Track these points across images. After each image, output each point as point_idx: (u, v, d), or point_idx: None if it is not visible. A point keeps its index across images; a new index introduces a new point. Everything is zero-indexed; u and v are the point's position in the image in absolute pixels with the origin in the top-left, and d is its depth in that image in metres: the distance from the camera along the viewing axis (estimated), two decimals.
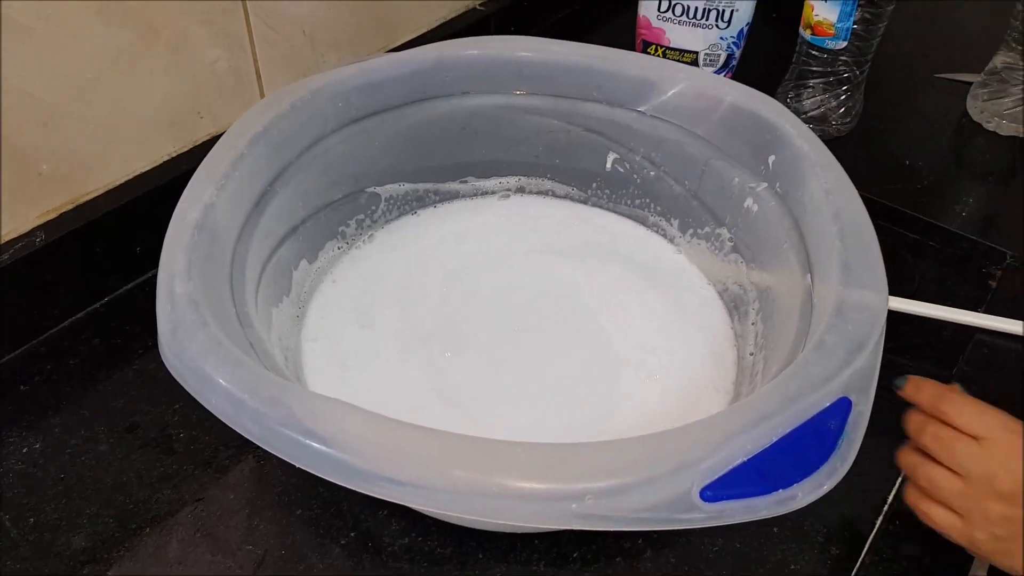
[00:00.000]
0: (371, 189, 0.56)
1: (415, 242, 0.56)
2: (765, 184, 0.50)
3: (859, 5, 0.63)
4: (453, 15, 0.78)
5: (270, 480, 0.44)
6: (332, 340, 0.48)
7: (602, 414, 0.46)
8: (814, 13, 0.66)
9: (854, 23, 0.65)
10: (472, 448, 0.28)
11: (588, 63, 0.55)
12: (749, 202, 0.51)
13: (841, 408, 0.34)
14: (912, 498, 0.39)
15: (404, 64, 0.54)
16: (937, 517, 0.38)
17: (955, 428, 0.37)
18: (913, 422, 0.40)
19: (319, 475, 0.29)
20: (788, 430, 0.31)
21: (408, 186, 0.58)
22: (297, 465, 0.29)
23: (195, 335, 0.30)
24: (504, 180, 0.61)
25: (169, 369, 0.31)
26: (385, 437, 0.28)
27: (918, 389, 0.40)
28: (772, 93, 0.75)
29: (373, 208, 0.57)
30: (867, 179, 0.66)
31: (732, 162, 0.52)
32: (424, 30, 0.75)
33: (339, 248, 0.54)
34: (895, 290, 0.54)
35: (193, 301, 0.31)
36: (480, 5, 0.80)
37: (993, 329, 0.52)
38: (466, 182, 0.60)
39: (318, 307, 0.50)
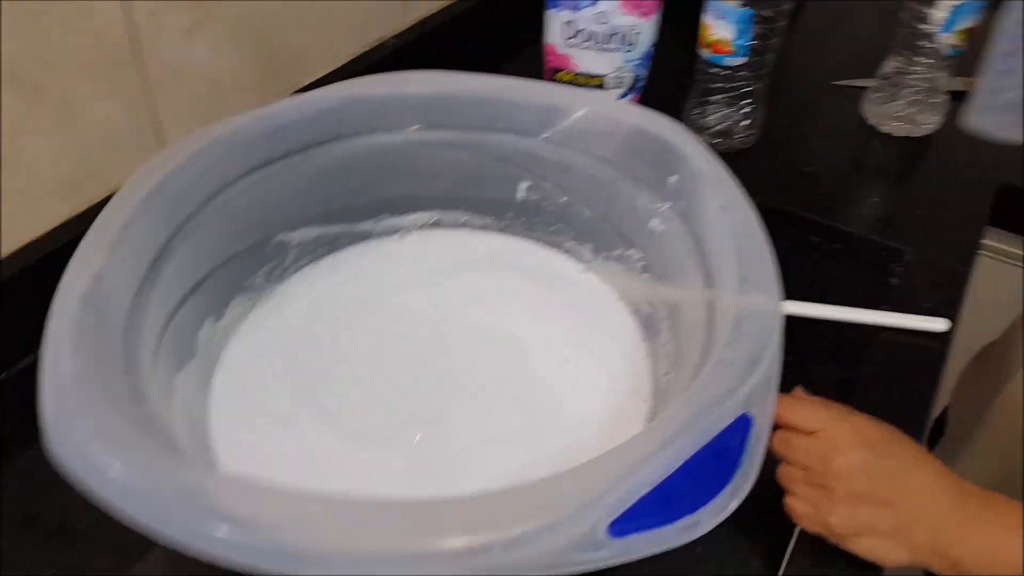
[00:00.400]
0: (280, 237, 0.55)
1: (330, 289, 0.56)
2: (669, 203, 0.51)
3: (753, 22, 0.65)
4: (363, 51, 0.78)
5: (182, 561, 0.42)
6: (244, 409, 0.47)
7: (535, 446, 0.47)
8: (710, 33, 0.68)
9: (750, 39, 0.67)
10: (369, 511, 0.28)
11: (493, 94, 0.56)
12: (655, 222, 0.52)
13: (741, 426, 0.34)
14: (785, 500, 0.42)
15: (309, 106, 0.54)
16: (798, 509, 0.41)
17: (794, 428, 0.41)
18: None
19: (211, 556, 0.28)
20: (690, 455, 0.32)
21: (319, 230, 0.57)
22: (188, 551, 0.28)
23: (79, 418, 0.29)
24: (419, 216, 0.61)
25: (52, 456, 0.30)
26: (284, 510, 0.28)
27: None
28: (680, 110, 0.77)
29: (282, 256, 0.56)
30: (772, 188, 0.69)
31: (637, 184, 0.53)
32: (333, 67, 0.75)
33: (248, 301, 0.53)
34: (803, 295, 0.56)
35: (79, 379, 0.31)
36: (390, 40, 0.80)
37: (892, 326, 0.54)
38: (380, 220, 0.60)
39: (227, 371, 0.49)
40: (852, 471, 0.39)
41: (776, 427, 0.42)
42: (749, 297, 0.40)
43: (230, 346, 0.51)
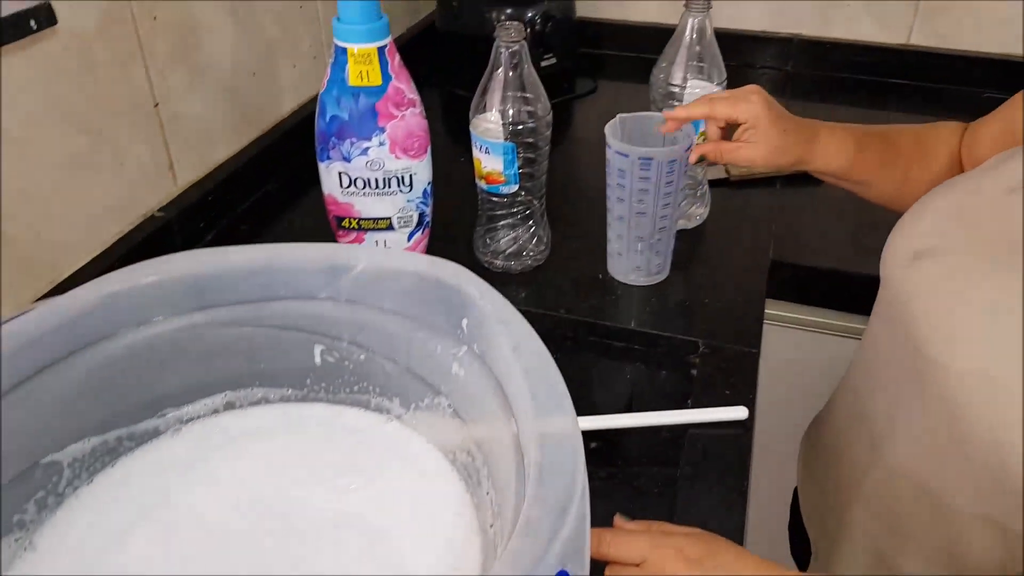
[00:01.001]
0: (48, 458, 0.49)
1: (114, 505, 0.50)
2: (465, 347, 0.51)
3: (517, 152, 0.68)
4: (129, 228, 0.74)
5: None
6: None
7: None
8: (483, 166, 0.70)
9: (519, 167, 0.70)
10: None
11: (267, 263, 0.54)
12: (456, 367, 0.51)
13: None
14: None
15: (62, 311, 0.49)
16: None
17: (620, 562, 0.43)
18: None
19: None
20: None
21: (95, 440, 0.51)
22: None
23: None
24: (209, 401, 0.56)
25: None
26: None
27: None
28: (472, 237, 0.78)
29: (55, 479, 0.49)
30: (569, 300, 0.71)
31: (432, 331, 0.52)
32: (98, 251, 0.70)
33: (17, 541, 0.46)
34: (614, 401, 0.57)
35: None
36: (158, 213, 0.76)
37: (697, 422, 0.56)
38: (164, 415, 0.55)
39: None
40: None
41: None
42: (548, 434, 0.39)
43: None
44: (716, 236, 0.80)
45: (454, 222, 0.80)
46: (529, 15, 1.11)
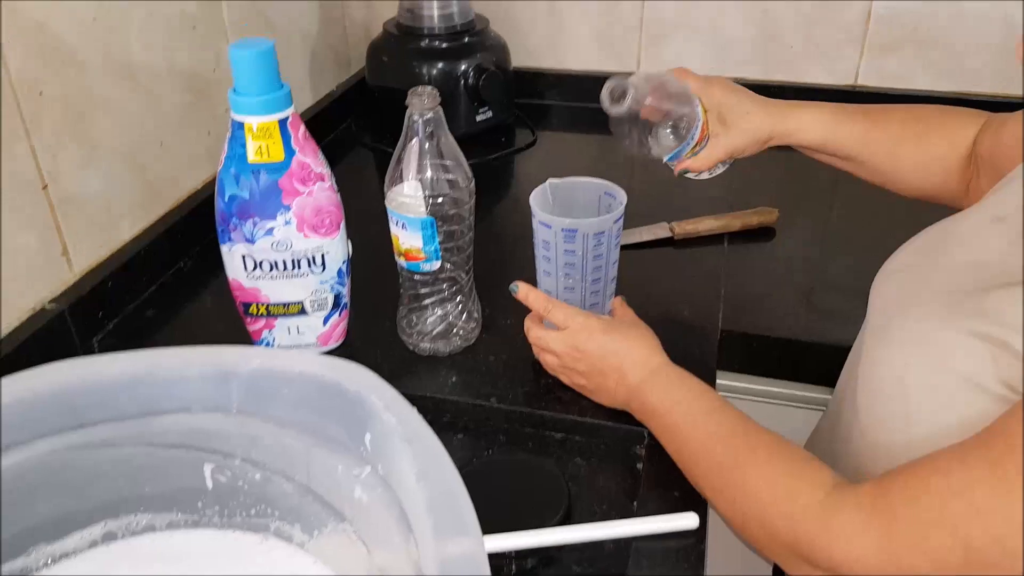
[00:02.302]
0: None
1: None
2: (368, 468, 0.44)
3: (436, 227, 0.63)
4: (16, 323, 0.66)
5: None
6: None
7: None
8: (401, 242, 0.64)
9: (441, 242, 0.64)
10: None
11: (146, 372, 0.48)
12: (359, 491, 0.45)
13: None
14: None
15: None
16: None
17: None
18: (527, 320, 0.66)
19: None
20: None
21: None
22: None
23: None
24: (84, 533, 0.49)
25: None
26: None
27: (527, 296, 0.64)
28: (396, 318, 0.72)
29: None
30: (502, 386, 0.65)
31: (333, 447, 0.46)
32: None
33: None
34: (555, 507, 0.51)
35: None
36: (49, 303, 0.69)
37: (644, 534, 0.50)
38: (32, 552, 0.48)
39: None
40: (592, 356, 0.61)
41: None
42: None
43: None
44: (660, 305, 0.74)
45: (379, 298, 0.74)
46: (462, 68, 1.07)
